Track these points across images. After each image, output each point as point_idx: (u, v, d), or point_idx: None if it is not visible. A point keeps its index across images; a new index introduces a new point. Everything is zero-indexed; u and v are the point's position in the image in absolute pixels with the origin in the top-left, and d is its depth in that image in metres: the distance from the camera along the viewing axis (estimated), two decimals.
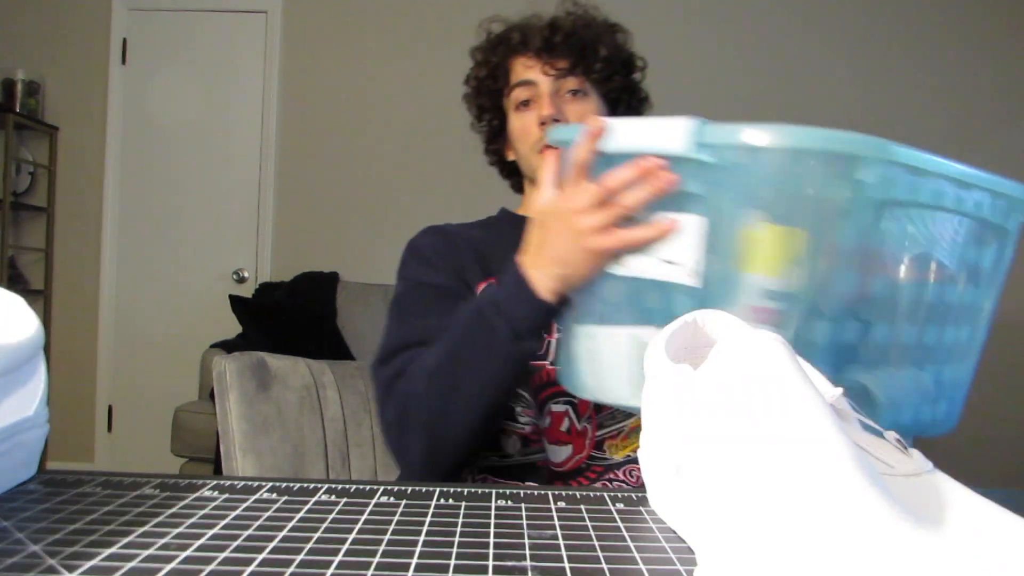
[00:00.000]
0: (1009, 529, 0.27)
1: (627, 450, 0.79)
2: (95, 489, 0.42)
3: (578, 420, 0.78)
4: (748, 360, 0.33)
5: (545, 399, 0.79)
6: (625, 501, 0.43)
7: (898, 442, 0.33)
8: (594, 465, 0.78)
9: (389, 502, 0.41)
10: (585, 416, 0.79)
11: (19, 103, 2.94)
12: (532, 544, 0.35)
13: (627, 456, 0.79)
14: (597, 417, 0.79)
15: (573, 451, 0.78)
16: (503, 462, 0.79)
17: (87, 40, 3.03)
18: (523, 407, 0.79)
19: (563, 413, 0.78)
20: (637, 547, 0.35)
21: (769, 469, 0.29)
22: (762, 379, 0.32)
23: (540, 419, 0.79)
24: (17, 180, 2.98)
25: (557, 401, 0.79)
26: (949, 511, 0.28)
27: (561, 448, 0.78)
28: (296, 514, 0.39)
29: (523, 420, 0.79)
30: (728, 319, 0.42)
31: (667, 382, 0.38)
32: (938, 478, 0.31)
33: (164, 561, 0.32)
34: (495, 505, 0.41)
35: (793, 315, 0.49)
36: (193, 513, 0.38)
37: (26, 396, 0.43)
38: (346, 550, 0.33)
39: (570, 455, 0.78)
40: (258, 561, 0.32)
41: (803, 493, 0.27)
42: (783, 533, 0.27)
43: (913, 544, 0.24)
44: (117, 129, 3.05)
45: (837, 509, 0.26)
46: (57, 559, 0.31)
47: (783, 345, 0.33)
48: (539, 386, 0.79)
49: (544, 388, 0.79)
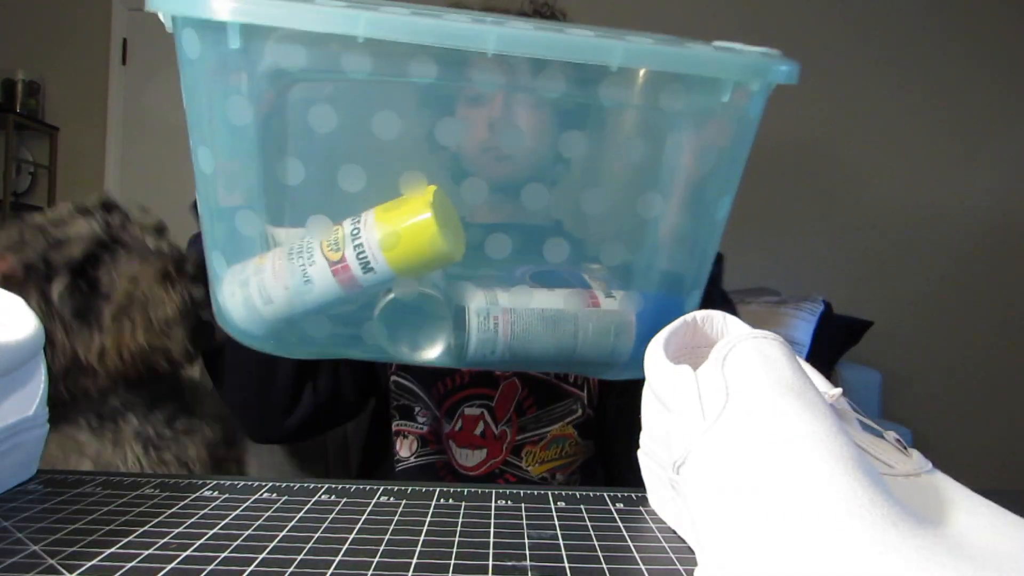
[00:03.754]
0: (1009, 529, 0.27)
1: (545, 467, 0.77)
2: (95, 489, 0.42)
3: (495, 424, 0.77)
4: (748, 360, 0.33)
5: (458, 402, 0.77)
6: (625, 501, 0.43)
7: (898, 442, 0.33)
8: (508, 473, 0.77)
9: (389, 502, 0.41)
10: (504, 420, 0.77)
11: (19, 103, 2.94)
12: (532, 544, 0.35)
13: (543, 476, 0.77)
14: (519, 420, 0.77)
15: (488, 455, 0.77)
16: (400, 466, 0.78)
17: (87, 40, 3.03)
18: (421, 408, 0.78)
19: (478, 416, 0.77)
20: (637, 547, 0.35)
21: (768, 469, 0.29)
22: (762, 379, 0.32)
23: (449, 422, 0.77)
24: (17, 180, 2.98)
25: (472, 404, 0.77)
26: (949, 511, 0.28)
27: (474, 452, 0.77)
28: (296, 514, 0.39)
29: (420, 420, 0.78)
30: (728, 319, 0.42)
31: (667, 382, 0.38)
32: (938, 478, 0.31)
33: (164, 561, 0.32)
34: (495, 505, 0.41)
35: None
36: (193, 513, 0.38)
37: (26, 396, 0.43)
38: (346, 550, 0.33)
39: (483, 459, 0.77)
40: (258, 561, 0.32)
41: (803, 493, 0.27)
42: (783, 533, 0.27)
43: (913, 544, 0.24)
44: (117, 129, 3.04)
45: (837, 509, 0.26)
46: (57, 559, 0.31)
47: (783, 345, 0.33)
48: (451, 389, 0.77)
49: (457, 391, 0.77)
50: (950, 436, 2.59)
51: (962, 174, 2.70)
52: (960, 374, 2.69)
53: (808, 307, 2.12)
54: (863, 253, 2.71)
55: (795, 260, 2.72)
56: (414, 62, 0.44)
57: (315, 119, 0.45)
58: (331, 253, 0.47)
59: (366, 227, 0.47)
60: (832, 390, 0.34)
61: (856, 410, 0.34)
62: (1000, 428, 2.67)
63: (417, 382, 0.78)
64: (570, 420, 0.78)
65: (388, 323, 0.51)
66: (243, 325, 0.50)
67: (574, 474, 0.78)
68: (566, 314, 0.50)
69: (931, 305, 2.70)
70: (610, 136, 0.52)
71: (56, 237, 0.65)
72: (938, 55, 2.73)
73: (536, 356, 0.51)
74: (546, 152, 0.51)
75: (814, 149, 2.72)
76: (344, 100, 0.46)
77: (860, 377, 2.28)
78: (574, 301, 0.51)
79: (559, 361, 0.52)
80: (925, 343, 2.68)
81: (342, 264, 0.47)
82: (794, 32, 2.71)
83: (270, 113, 0.47)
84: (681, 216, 0.51)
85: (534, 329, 0.50)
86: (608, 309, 0.51)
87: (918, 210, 2.69)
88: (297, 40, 0.43)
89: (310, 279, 0.47)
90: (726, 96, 0.45)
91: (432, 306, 0.51)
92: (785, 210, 2.72)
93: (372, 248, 0.46)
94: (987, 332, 2.69)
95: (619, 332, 0.51)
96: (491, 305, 0.50)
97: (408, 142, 0.47)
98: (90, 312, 0.64)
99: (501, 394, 0.77)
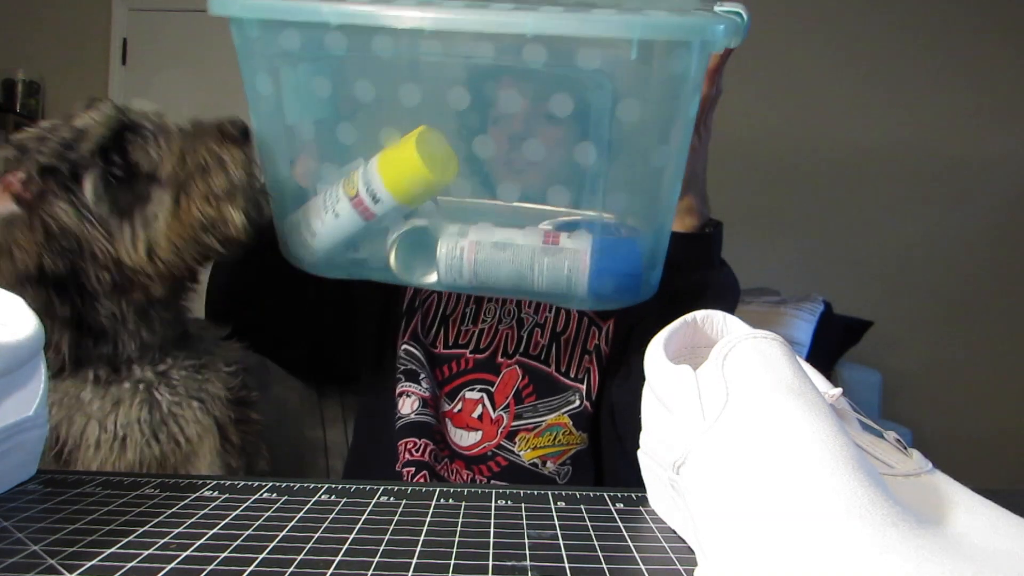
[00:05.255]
0: (1008, 529, 0.27)
1: (537, 452, 0.79)
2: (95, 489, 0.42)
3: (493, 409, 0.79)
4: (748, 360, 0.33)
5: (460, 385, 0.80)
6: (625, 501, 0.43)
7: (898, 442, 0.33)
8: (499, 456, 0.79)
9: (389, 502, 0.41)
10: (503, 406, 0.79)
11: (19, 103, 2.94)
12: (532, 544, 0.35)
13: (534, 463, 0.79)
14: (516, 407, 0.79)
15: (482, 437, 0.79)
16: (399, 422, 0.80)
17: (87, 40, 3.03)
18: (425, 375, 0.81)
19: (477, 401, 0.80)
20: (637, 547, 0.35)
21: (768, 469, 0.29)
22: (762, 379, 0.32)
23: (449, 403, 0.81)
24: None
25: (473, 388, 0.80)
26: (949, 511, 0.28)
27: (470, 433, 0.80)
28: (296, 514, 0.39)
29: (424, 385, 0.80)
30: (728, 319, 0.42)
31: (667, 382, 0.38)
32: (938, 478, 0.31)
33: (164, 561, 0.32)
34: (495, 505, 0.41)
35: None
36: (193, 513, 0.38)
37: (26, 396, 0.43)
38: (346, 550, 0.33)
39: (478, 441, 0.79)
40: (258, 561, 0.32)
41: (803, 493, 0.27)
42: (782, 533, 0.27)
43: (913, 544, 0.24)
44: None
45: (837, 509, 0.26)
46: (57, 559, 0.31)
47: (783, 345, 0.33)
48: (455, 373, 0.81)
49: (460, 375, 0.81)
50: (950, 436, 2.59)
51: (962, 174, 2.70)
52: (960, 374, 2.69)
53: (808, 307, 2.12)
54: (863, 253, 2.71)
55: (795, 260, 2.72)
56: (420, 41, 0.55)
57: (359, 91, 0.57)
58: (349, 190, 0.59)
59: (371, 166, 0.59)
60: (832, 390, 0.34)
61: (856, 410, 0.34)
62: (1000, 428, 2.67)
63: (424, 354, 0.82)
64: (567, 411, 0.79)
65: (398, 252, 0.63)
66: (298, 253, 0.65)
67: (565, 463, 0.80)
68: (523, 248, 0.59)
69: (931, 305, 2.70)
70: (540, 94, 0.59)
71: (65, 136, 0.57)
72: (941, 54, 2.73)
73: (500, 284, 0.60)
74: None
75: (814, 149, 2.72)
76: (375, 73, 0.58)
77: (860, 377, 2.28)
78: (531, 237, 0.60)
79: (522, 289, 0.61)
80: (925, 343, 2.68)
81: (357, 198, 0.59)
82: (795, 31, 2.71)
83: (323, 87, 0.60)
84: (617, 165, 0.57)
85: (495, 259, 0.59)
86: (563, 246, 0.59)
87: (918, 210, 2.69)
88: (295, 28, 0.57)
89: (338, 214, 0.60)
90: (633, 54, 0.50)
91: (426, 236, 0.62)
92: (785, 210, 2.72)
93: (376, 181, 0.58)
94: (987, 332, 2.69)
95: (572, 267, 0.58)
96: (460, 236, 0.60)
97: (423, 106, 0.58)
98: (134, 202, 0.58)
99: (502, 381, 0.80)
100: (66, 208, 0.56)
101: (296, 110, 0.62)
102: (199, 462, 0.64)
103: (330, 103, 0.60)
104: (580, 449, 0.80)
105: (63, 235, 0.56)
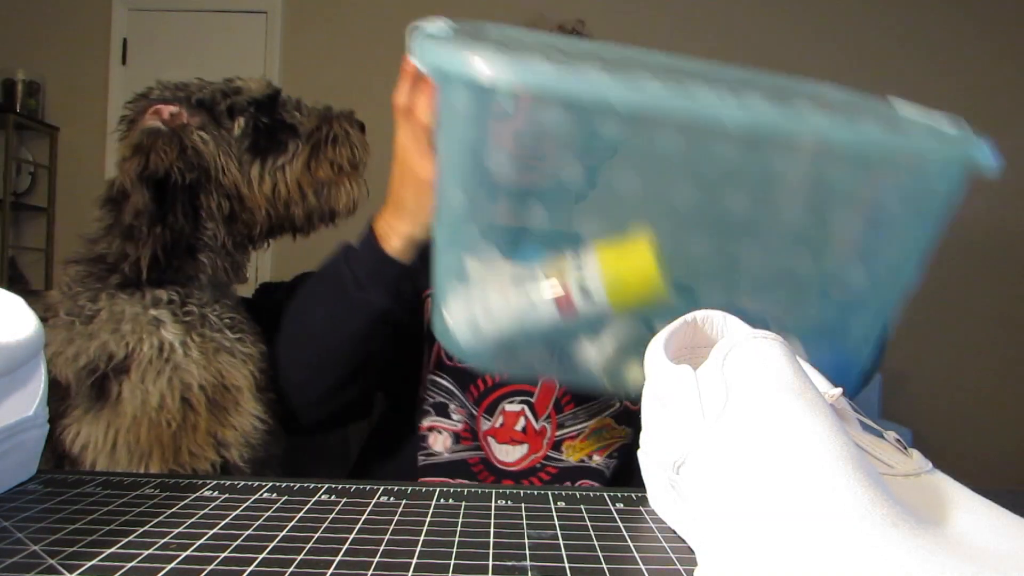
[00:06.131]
0: (1009, 529, 0.27)
1: (583, 452, 0.79)
2: (95, 489, 0.42)
3: (536, 420, 0.78)
4: (748, 360, 0.33)
5: (498, 399, 0.78)
6: (625, 501, 0.43)
7: (898, 442, 0.33)
8: (548, 466, 0.78)
9: (389, 502, 0.41)
10: (544, 416, 0.78)
11: (19, 103, 2.94)
12: (532, 544, 0.35)
13: (582, 460, 0.78)
14: (557, 417, 0.78)
15: (528, 450, 0.78)
16: (429, 460, 0.79)
17: (87, 40, 3.03)
18: (456, 405, 0.78)
19: (519, 413, 0.78)
20: (637, 547, 0.35)
21: (768, 470, 0.29)
22: (762, 379, 0.32)
23: (489, 420, 0.78)
24: (17, 180, 2.98)
25: (512, 400, 0.78)
26: (949, 511, 0.28)
27: (515, 448, 0.78)
28: (296, 514, 0.39)
29: (455, 418, 0.78)
30: (728, 319, 0.42)
31: (667, 382, 0.38)
32: (938, 478, 0.31)
33: (164, 561, 0.32)
34: (495, 505, 0.41)
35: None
36: (193, 513, 0.38)
37: (26, 396, 0.43)
38: (346, 550, 0.33)
39: (524, 454, 0.78)
40: (258, 561, 0.32)
41: (803, 494, 0.27)
42: (782, 533, 0.26)
43: (913, 544, 0.24)
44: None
45: (837, 509, 0.26)
46: (57, 559, 0.31)
47: (783, 345, 0.33)
48: (490, 387, 0.79)
49: (496, 388, 0.78)
50: (950, 436, 2.59)
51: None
52: (960, 374, 2.69)
53: None
54: None
55: None
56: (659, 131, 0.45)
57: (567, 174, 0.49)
58: (555, 283, 0.52)
59: (589, 263, 0.51)
60: (832, 390, 0.34)
61: (856, 410, 0.34)
62: (1000, 428, 2.67)
63: (453, 380, 0.79)
64: (608, 413, 0.79)
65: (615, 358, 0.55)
66: (464, 341, 0.54)
67: (612, 456, 0.79)
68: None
69: (931, 305, 2.69)
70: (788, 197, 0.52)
71: (227, 88, 0.69)
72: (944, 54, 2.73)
73: None
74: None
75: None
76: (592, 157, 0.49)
77: None
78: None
79: None
80: (925, 343, 2.68)
81: (563, 294, 0.52)
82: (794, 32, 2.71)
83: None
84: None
85: None
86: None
87: None
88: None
89: (534, 304, 0.52)
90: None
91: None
92: None
93: (593, 279, 0.51)
94: (987, 332, 2.69)
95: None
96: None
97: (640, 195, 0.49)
98: (271, 148, 0.68)
99: (540, 391, 0.79)
100: (206, 138, 0.66)
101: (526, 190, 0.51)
102: (244, 404, 0.67)
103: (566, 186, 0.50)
104: (625, 443, 0.80)
105: (197, 156, 0.66)
